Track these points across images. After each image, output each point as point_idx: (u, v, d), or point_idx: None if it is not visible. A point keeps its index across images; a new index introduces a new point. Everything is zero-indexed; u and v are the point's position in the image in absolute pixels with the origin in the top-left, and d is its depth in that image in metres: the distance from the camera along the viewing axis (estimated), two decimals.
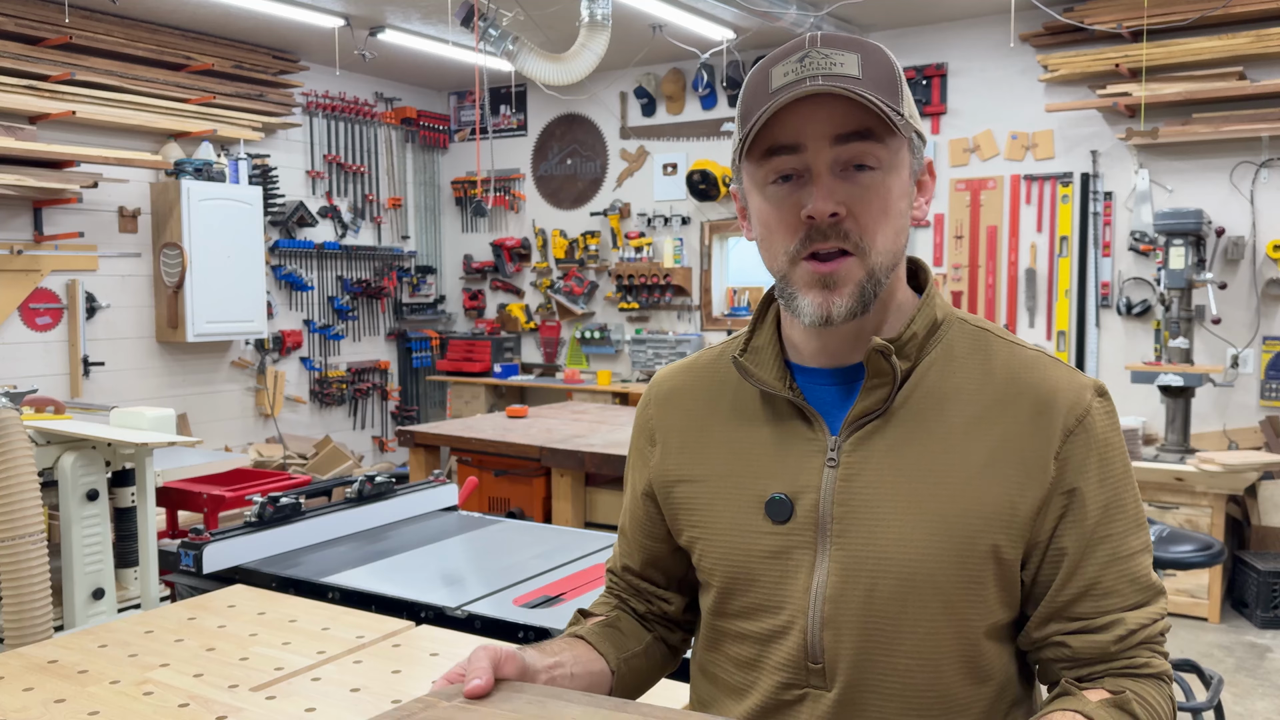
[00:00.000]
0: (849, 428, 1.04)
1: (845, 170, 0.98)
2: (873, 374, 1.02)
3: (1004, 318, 5.86)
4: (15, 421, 2.21)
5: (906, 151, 1.02)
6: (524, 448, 4.38)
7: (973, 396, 1.03)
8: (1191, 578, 4.57)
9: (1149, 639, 1.01)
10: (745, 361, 1.10)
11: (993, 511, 0.99)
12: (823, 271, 0.99)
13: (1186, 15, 5.02)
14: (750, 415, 1.10)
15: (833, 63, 0.97)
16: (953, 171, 5.97)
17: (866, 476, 1.02)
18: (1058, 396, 1.02)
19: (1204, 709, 3.15)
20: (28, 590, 2.15)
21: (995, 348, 1.06)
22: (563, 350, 7.49)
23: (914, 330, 1.04)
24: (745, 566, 1.06)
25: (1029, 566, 1.02)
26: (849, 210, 0.98)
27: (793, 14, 5.20)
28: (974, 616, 1.00)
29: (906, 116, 0.99)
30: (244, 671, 1.64)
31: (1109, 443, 1.04)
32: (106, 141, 5.56)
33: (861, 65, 0.97)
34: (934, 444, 1.01)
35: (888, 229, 1.00)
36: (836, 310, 1.00)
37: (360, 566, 2.29)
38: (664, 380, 1.22)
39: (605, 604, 1.26)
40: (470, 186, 7.77)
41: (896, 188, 1.01)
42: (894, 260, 1.02)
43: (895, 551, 0.99)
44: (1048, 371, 1.04)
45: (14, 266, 5.25)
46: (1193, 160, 5.29)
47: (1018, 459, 1.00)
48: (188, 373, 6.13)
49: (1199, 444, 5.05)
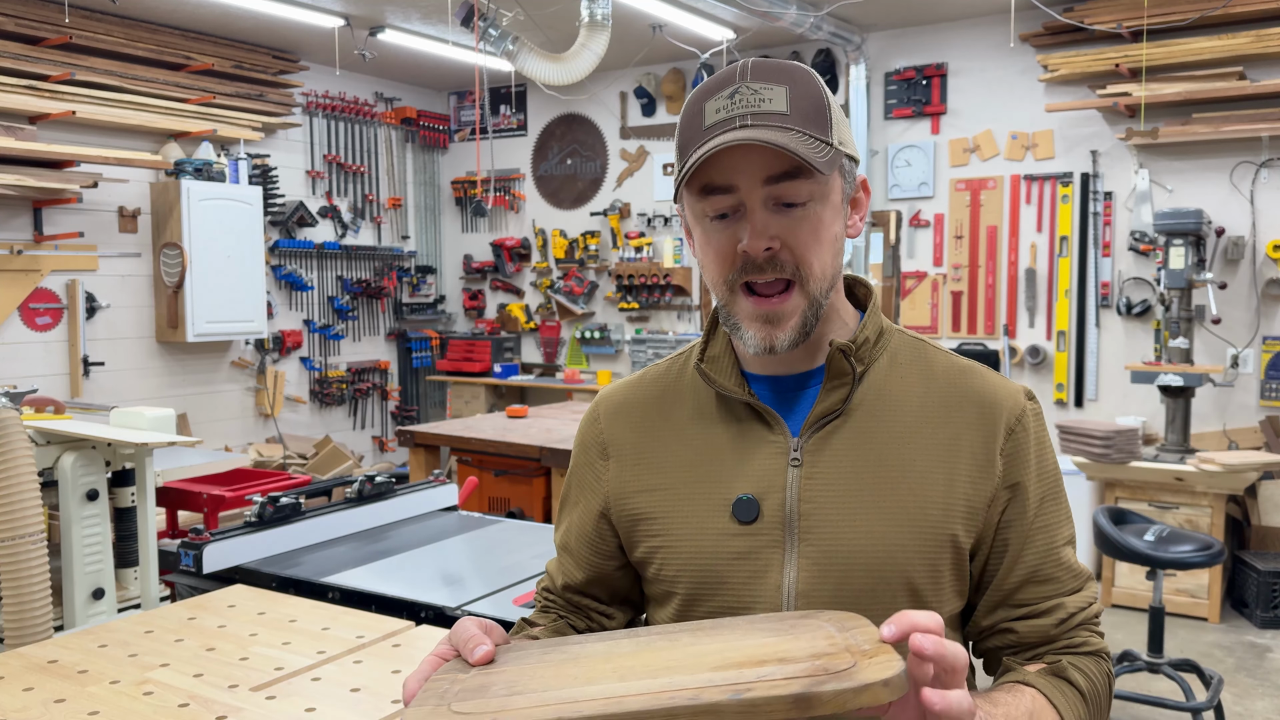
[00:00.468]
0: (810, 428, 1.08)
1: (777, 205, 1.03)
2: (833, 375, 1.08)
3: (1004, 318, 5.86)
4: (15, 421, 2.21)
5: (837, 178, 1.06)
6: (524, 448, 4.38)
7: (920, 398, 1.10)
8: (1191, 578, 4.57)
9: (1086, 620, 1.10)
10: (707, 368, 1.13)
11: (949, 503, 1.05)
12: (764, 309, 1.04)
13: (1186, 15, 5.02)
14: (710, 420, 1.13)
15: (761, 99, 1.01)
16: (953, 171, 5.97)
17: (829, 474, 1.06)
18: (998, 399, 1.10)
19: (1204, 709, 3.15)
20: (28, 590, 2.15)
21: (933, 355, 1.14)
22: (563, 350, 7.49)
23: (866, 335, 1.11)
24: (713, 569, 1.08)
25: (977, 557, 1.09)
26: (783, 242, 1.02)
27: (793, 14, 5.20)
28: (936, 605, 1.06)
29: (835, 145, 1.03)
30: (244, 671, 1.64)
31: (1042, 441, 1.12)
32: (106, 141, 5.56)
33: (789, 99, 1.02)
34: (890, 441, 1.07)
35: (823, 255, 1.05)
36: (780, 343, 1.05)
37: (360, 566, 2.29)
38: (612, 395, 1.23)
39: (546, 618, 1.26)
40: (470, 186, 7.77)
41: (828, 215, 1.05)
42: (832, 281, 1.08)
43: (863, 545, 1.04)
44: (985, 377, 1.13)
45: (14, 266, 5.25)
46: (1193, 160, 5.29)
47: (968, 454, 1.07)
48: (188, 373, 6.13)
49: (1199, 444, 5.05)
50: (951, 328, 6.03)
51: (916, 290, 6.13)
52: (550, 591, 1.28)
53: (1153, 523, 3.53)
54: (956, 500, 1.05)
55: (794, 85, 1.03)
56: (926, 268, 6.09)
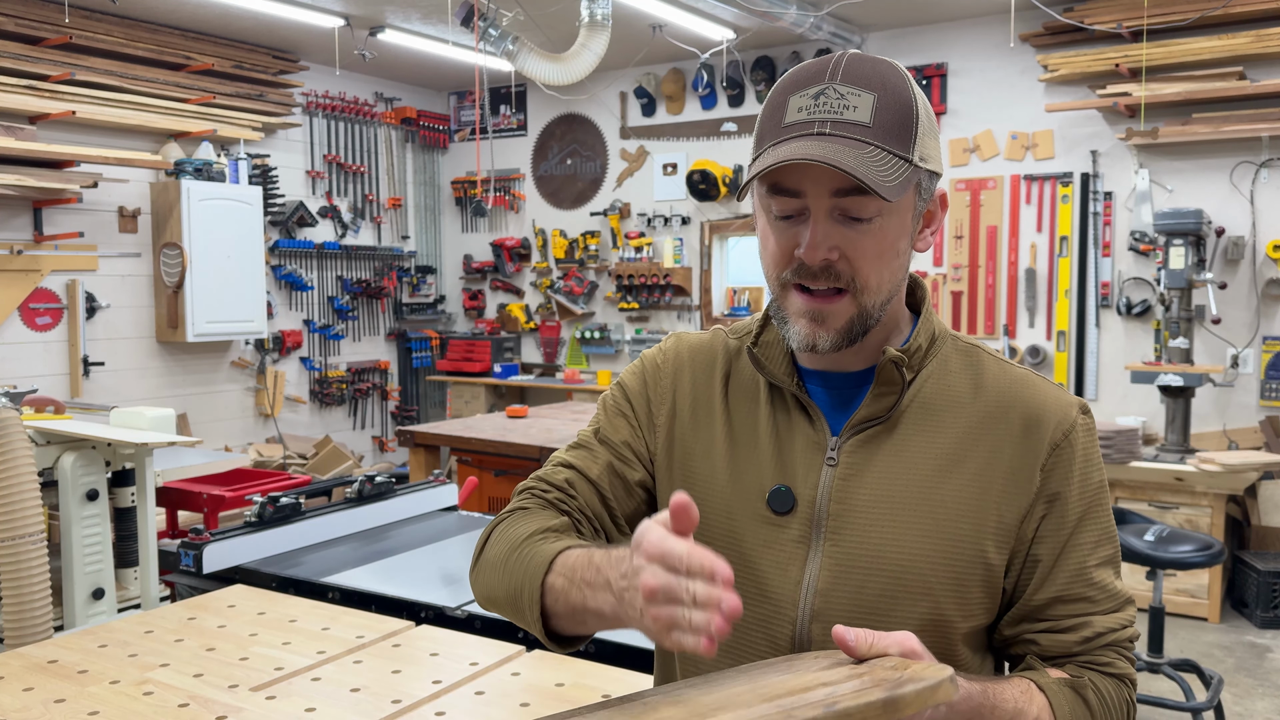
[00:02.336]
0: (851, 430, 1.07)
1: (843, 216, 1.00)
2: (882, 382, 1.06)
3: (1004, 317, 5.86)
4: (15, 421, 2.21)
5: (912, 193, 1.02)
6: (524, 448, 4.38)
7: (966, 409, 1.08)
8: (1191, 578, 4.57)
9: (1116, 643, 1.06)
10: (759, 354, 1.13)
11: (982, 518, 1.03)
12: (812, 306, 1.03)
13: (1186, 15, 5.02)
14: (759, 404, 1.13)
15: (845, 104, 0.98)
16: (953, 171, 5.97)
17: (863, 478, 1.05)
18: (1046, 412, 1.07)
19: (1204, 709, 3.15)
20: (28, 590, 2.15)
21: (986, 364, 1.12)
22: (563, 350, 7.49)
23: (919, 343, 1.09)
24: (739, 550, 1.08)
25: (1010, 573, 1.06)
26: (842, 254, 1.01)
27: (793, 14, 5.20)
28: (957, 619, 1.04)
29: (915, 162, 0.99)
30: (244, 671, 1.64)
31: (1090, 457, 1.08)
32: (106, 141, 5.56)
33: (875, 108, 0.98)
34: (929, 452, 1.05)
35: (882, 270, 1.02)
36: (822, 343, 1.03)
37: (360, 566, 2.29)
38: (683, 344, 1.21)
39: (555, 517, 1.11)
40: (470, 186, 7.77)
41: (894, 230, 1.02)
42: (889, 295, 1.05)
43: (888, 552, 1.03)
44: (1038, 389, 1.09)
45: (14, 266, 5.25)
46: (1193, 160, 5.29)
47: (1007, 470, 1.05)
48: (188, 373, 6.13)
49: (1199, 444, 5.05)
50: (951, 328, 6.02)
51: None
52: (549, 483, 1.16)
53: (1153, 523, 3.53)
54: (989, 517, 1.03)
55: (884, 93, 0.99)
56: (926, 268, 6.09)
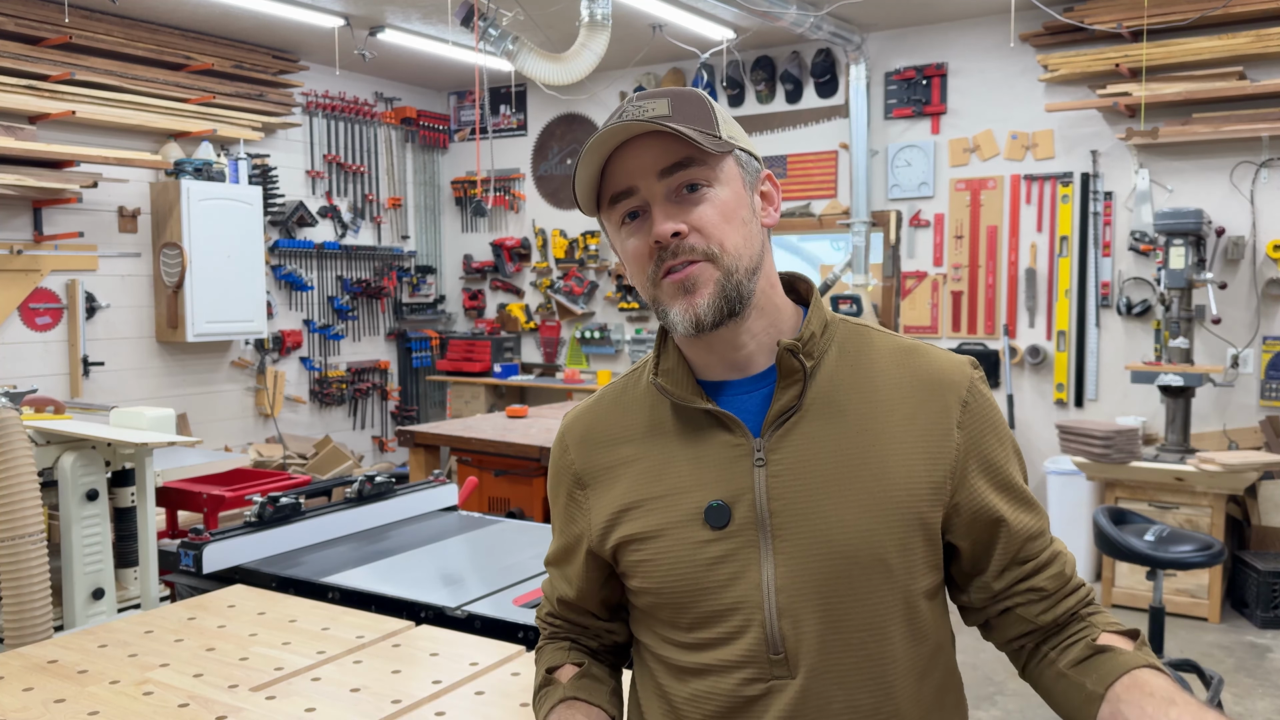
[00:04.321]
0: (770, 427, 1.10)
1: (679, 195, 1.08)
2: (784, 373, 1.10)
3: (1004, 317, 5.86)
4: (15, 421, 2.21)
5: (734, 165, 1.12)
6: (524, 448, 4.38)
7: (872, 384, 1.13)
8: (1191, 578, 4.57)
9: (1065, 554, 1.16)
10: (662, 381, 1.16)
11: (912, 481, 1.08)
12: (679, 279, 1.08)
13: (1186, 15, 5.02)
14: (671, 433, 1.15)
15: (643, 109, 1.09)
16: (953, 171, 5.97)
17: (794, 470, 1.09)
18: (945, 374, 1.14)
19: None
20: (28, 590, 2.15)
21: (876, 340, 1.17)
22: (563, 350, 7.49)
23: (811, 330, 1.13)
24: (692, 578, 1.10)
25: (955, 529, 1.12)
26: (690, 226, 1.07)
27: (793, 14, 5.20)
28: (910, 582, 1.09)
29: (724, 137, 1.09)
30: (244, 671, 1.64)
31: (992, 404, 1.16)
32: (106, 141, 5.56)
33: (672, 105, 1.09)
34: (848, 430, 1.10)
35: (732, 234, 1.09)
36: (701, 310, 1.07)
37: (360, 566, 2.29)
38: (575, 423, 1.25)
39: (560, 649, 1.27)
40: (470, 186, 7.77)
41: (730, 197, 1.10)
42: (751, 262, 1.10)
43: (836, 534, 1.07)
44: (930, 355, 1.16)
45: (14, 266, 5.25)
46: (1193, 160, 5.29)
47: (924, 432, 1.10)
48: (188, 373, 6.13)
49: (1199, 444, 5.05)
50: (951, 328, 6.03)
51: (916, 290, 6.13)
52: (553, 615, 1.30)
53: (1153, 523, 3.53)
54: (918, 479, 1.08)
55: (675, 97, 1.10)
56: (926, 268, 6.09)
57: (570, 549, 1.23)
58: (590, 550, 1.20)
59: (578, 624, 1.27)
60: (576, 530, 1.22)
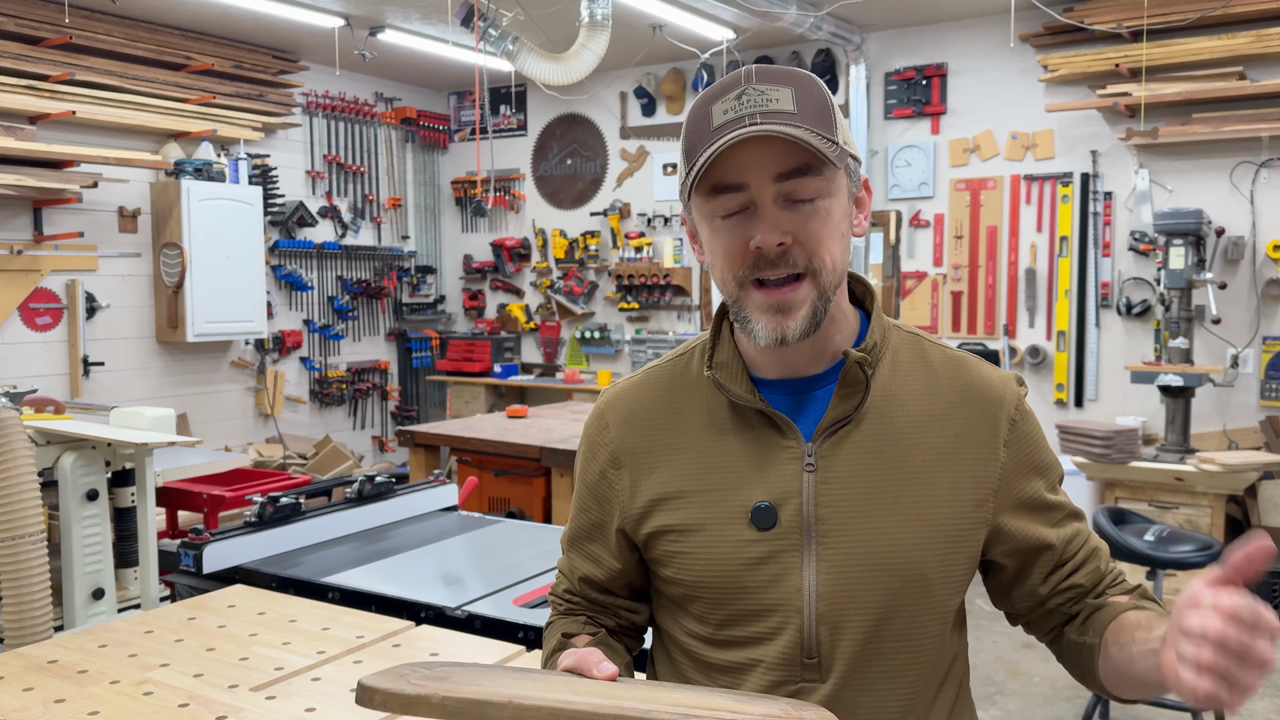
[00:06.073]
0: (823, 433, 1.10)
1: (788, 201, 1.04)
2: (847, 383, 1.10)
3: (1004, 317, 5.86)
4: (15, 421, 2.21)
5: (844, 176, 1.08)
6: (524, 448, 4.38)
7: (924, 396, 1.13)
8: (1192, 578, 4.57)
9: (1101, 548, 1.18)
10: (719, 376, 1.14)
11: (958, 498, 1.09)
12: (774, 298, 1.05)
13: (1186, 15, 5.02)
14: (723, 427, 1.13)
15: (768, 99, 1.03)
16: (953, 171, 5.97)
17: (844, 478, 1.08)
18: (995, 390, 1.14)
19: (1204, 709, 3.15)
20: (28, 590, 2.15)
21: (930, 350, 1.17)
22: (563, 350, 7.49)
23: (874, 340, 1.13)
24: (733, 575, 1.09)
25: (999, 550, 1.13)
26: (795, 239, 1.04)
27: (793, 14, 5.20)
28: (947, 597, 1.10)
29: (841, 144, 1.05)
30: (244, 671, 1.64)
31: (1035, 423, 1.17)
32: (106, 141, 5.56)
33: (796, 99, 1.03)
34: (899, 442, 1.10)
35: (833, 249, 1.06)
36: (791, 333, 1.06)
37: (360, 566, 2.29)
38: (618, 400, 1.21)
39: (575, 621, 1.23)
40: (470, 186, 7.77)
41: (837, 211, 1.07)
42: (840, 277, 1.09)
43: (881, 547, 1.07)
44: (980, 369, 1.16)
45: (14, 266, 5.25)
46: (1193, 160, 5.29)
47: (973, 448, 1.11)
48: (188, 373, 6.13)
49: (1199, 444, 5.05)
50: (951, 328, 6.03)
51: (916, 290, 6.13)
52: (571, 593, 1.25)
53: (1153, 523, 3.53)
54: (964, 495, 1.09)
55: (799, 87, 1.04)
56: (926, 268, 6.09)
57: (600, 526, 1.20)
58: (621, 530, 1.17)
59: (598, 601, 1.24)
60: (609, 509, 1.19)
